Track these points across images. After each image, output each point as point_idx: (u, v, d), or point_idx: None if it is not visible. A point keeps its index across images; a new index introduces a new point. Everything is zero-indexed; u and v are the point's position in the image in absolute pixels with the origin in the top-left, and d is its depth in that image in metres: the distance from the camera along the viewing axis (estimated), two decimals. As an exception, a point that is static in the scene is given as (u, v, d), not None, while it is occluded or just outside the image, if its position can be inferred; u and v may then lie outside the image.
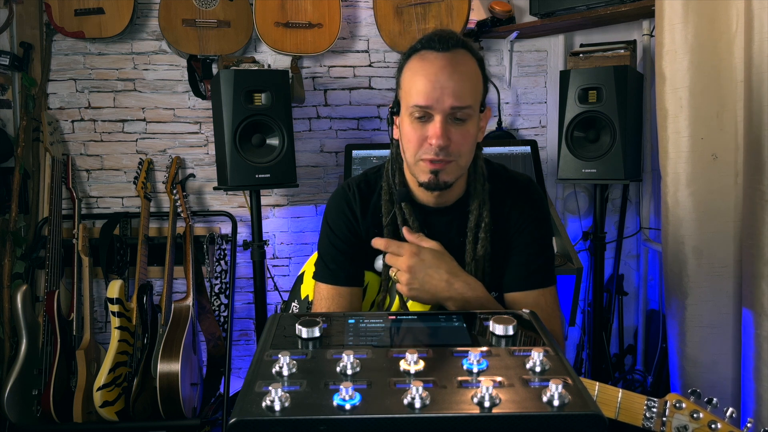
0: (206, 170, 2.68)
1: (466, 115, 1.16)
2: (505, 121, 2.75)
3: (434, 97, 1.13)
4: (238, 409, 0.64)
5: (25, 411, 2.27)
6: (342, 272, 1.30)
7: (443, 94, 1.13)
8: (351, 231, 1.31)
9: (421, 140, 1.17)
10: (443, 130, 1.14)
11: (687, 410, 1.15)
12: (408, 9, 2.50)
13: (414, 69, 1.18)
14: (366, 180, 1.35)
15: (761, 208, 1.57)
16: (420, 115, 1.16)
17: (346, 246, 1.31)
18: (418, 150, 1.18)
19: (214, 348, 2.52)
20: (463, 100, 1.14)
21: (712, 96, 1.81)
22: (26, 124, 2.48)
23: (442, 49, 1.16)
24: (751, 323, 1.65)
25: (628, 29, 2.59)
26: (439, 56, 1.15)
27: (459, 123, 1.16)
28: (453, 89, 1.13)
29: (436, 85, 1.13)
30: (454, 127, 1.16)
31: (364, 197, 1.33)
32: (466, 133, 1.17)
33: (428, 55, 1.17)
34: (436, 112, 1.14)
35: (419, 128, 1.17)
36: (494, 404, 0.64)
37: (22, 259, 2.49)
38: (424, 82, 1.14)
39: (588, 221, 2.77)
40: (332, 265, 1.31)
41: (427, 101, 1.14)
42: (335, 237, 1.32)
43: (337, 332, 0.85)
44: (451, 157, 1.16)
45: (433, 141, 1.14)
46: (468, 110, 1.15)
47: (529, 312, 0.93)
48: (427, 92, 1.14)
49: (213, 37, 2.46)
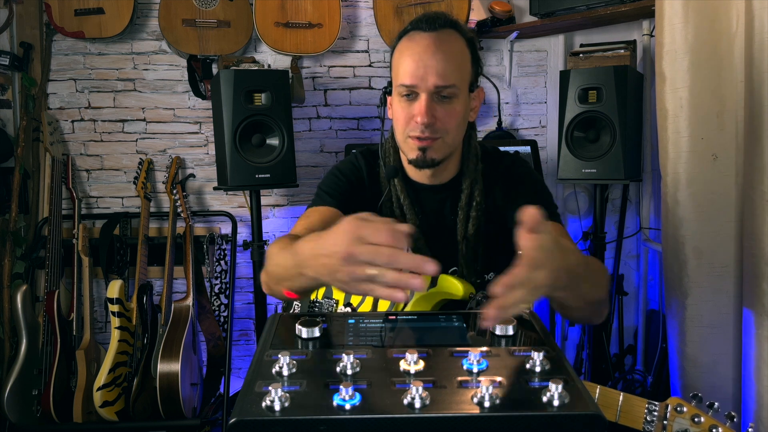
0: (206, 170, 2.68)
1: (451, 93, 1.19)
2: (505, 121, 2.75)
3: (418, 75, 1.16)
4: (238, 409, 0.64)
5: (25, 411, 2.27)
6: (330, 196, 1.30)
7: (427, 73, 1.16)
8: (357, 178, 1.34)
9: (408, 118, 1.20)
10: (428, 108, 1.17)
11: (688, 414, 1.15)
12: (408, 9, 2.50)
13: (401, 49, 1.21)
14: (369, 150, 1.40)
15: (761, 208, 1.57)
16: (407, 94, 1.19)
17: (350, 186, 1.32)
18: (405, 127, 1.21)
19: (214, 348, 2.52)
20: (447, 78, 1.17)
21: (712, 96, 1.81)
22: (26, 124, 2.48)
23: (429, 29, 1.19)
24: (751, 323, 1.65)
25: (628, 29, 2.59)
26: (425, 36, 1.19)
27: (445, 101, 1.19)
28: (436, 68, 1.16)
29: (420, 64, 1.16)
30: (439, 105, 1.19)
31: (369, 163, 1.37)
32: (452, 111, 1.20)
33: (415, 35, 1.20)
34: (421, 91, 1.17)
35: (407, 107, 1.20)
36: (494, 404, 0.64)
37: (22, 259, 2.49)
38: (409, 62, 1.18)
39: (588, 221, 2.77)
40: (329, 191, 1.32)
41: (411, 80, 1.17)
42: (342, 177, 1.34)
43: (337, 332, 0.85)
44: (437, 134, 1.20)
45: (418, 119, 1.17)
46: (452, 89, 1.18)
47: (529, 312, 0.93)
48: (412, 71, 1.17)
49: (213, 37, 2.46)
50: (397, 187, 1.30)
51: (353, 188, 1.33)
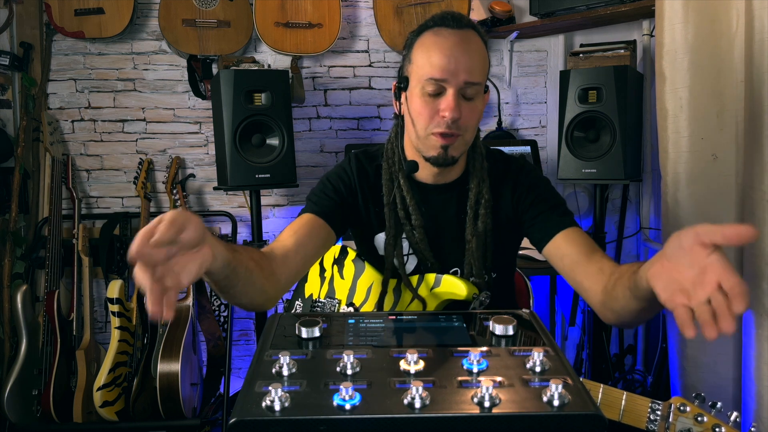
0: (206, 170, 2.68)
1: (475, 91, 1.19)
2: (505, 121, 2.75)
3: (450, 69, 1.16)
4: (238, 409, 0.64)
5: (25, 411, 2.27)
6: (318, 205, 1.29)
7: (458, 68, 1.16)
8: (346, 186, 1.33)
9: (432, 113, 1.19)
10: (456, 102, 1.17)
11: (691, 414, 1.15)
12: (408, 9, 2.50)
13: (428, 44, 1.20)
14: (365, 152, 1.38)
15: (761, 208, 1.57)
16: (433, 89, 1.18)
17: (337, 195, 1.31)
18: (429, 123, 1.20)
19: (214, 348, 2.52)
20: (475, 76, 1.18)
21: (712, 96, 1.81)
22: (26, 124, 2.48)
23: (456, 26, 1.19)
24: (751, 323, 1.65)
25: (628, 29, 2.59)
26: (454, 32, 1.19)
27: (468, 100, 1.19)
28: (467, 64, 1.17)
29: (451, 59, 1.16)
30: (463, 102, 1.19)
31: (360, 165, 1.35)
32: (474, 109, 1.21)
33: (443, 31, 1.20)
34: (450, 86, 1.17)
35: (431, 102, 1.19)
36: (494, 404, 0.64)
37: (22, 259, 2.49)
38: (440, 56, 1.17)
39: (588, 221, 2.77)
40: (313, 198, 1.31)
41: (442, 74, 1.16)
42: (329, 185, 1.33)
43: (337, 332, 0.85)
44: (459, 130, 1.19)
45: (447, 113, 1.16)
46: (478, 87, 1.19)
47: (529, 312, 0.93)
48: (443, 65, 1.16)
49: (213, 37, 2.46)
50: (403, 188, 1.29)
51: (339, 195, 1.31)
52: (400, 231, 1.32)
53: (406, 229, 1.31)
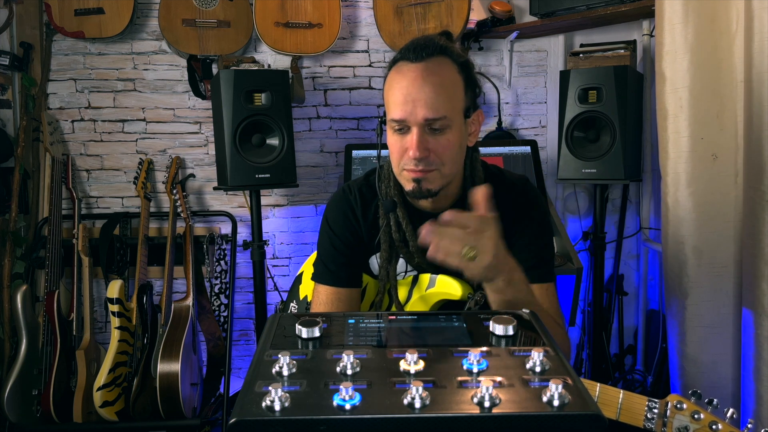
0: (206, 170, 2.68)
1: (443, 125, 1.15)
2: (505, 121, 2.75)
3: (407, 110, 1.13)
4: (238, 409, 0.64)
5: (25, 411, 2.27)
6: (342, 273, 1.30)
7: (415, 106, 1.13)
8: (351, 233, 1.31)
9: (402, 151, 1.18)
10: (419, 142, 1.14)
11: (688, 411, 1.15)
12: (408, 9, 2.50)
13: (390, 82, 1.19)
14: (367, 183, 1.35)
15: (761, 208, 1.57)
16: (399, 128, 1.16)
17: (346, 247, 1.31)
18: (400, 160, 1.19)
19: (214, 348, 2.52)
20: (437, 111, 1.13)
21: (712, 96, 1.81)
22: (26, 124, 2.48)
23: (416, 59, 1.15)
24: (751, 323, 1.65)
25: (628, 29, 2.59)
26: (412, 67, 1.15)
27: (438, 133, 1.15)
28: (425, 101, 1.13)
29: (408, 98, 1.13)
30: (432, 137, 1.15)
31: (365, 200, 1.33)
32: (446, 142, 1.16)
33: (402, 67, 1.17)
34: (412, 125, 1.15)
35: (399, 139, 1.18)
36: (494, 404, 0.64)
37: (22, 259, 2.49)
38: (397, 95, 1.15)
39: (588, 221, 2.77)
40: (332, 266, 1.31)
41: (401, 114, 1.14)
42: (336, 238, 1.31)
43: (337, 332, 0.85)
44: (432, 166, 1.16)
45: (410, 153, 1.15)
46: (443, 120, 1.14)
47: (529, 312, 0.93)
48: (400, 105, 1.14)
49: (213, 37, 2.46)
50: (399, 215, 1.27)
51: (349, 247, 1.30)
52: (396, 258, 1.31)
53: (403, 252, 1.29)
